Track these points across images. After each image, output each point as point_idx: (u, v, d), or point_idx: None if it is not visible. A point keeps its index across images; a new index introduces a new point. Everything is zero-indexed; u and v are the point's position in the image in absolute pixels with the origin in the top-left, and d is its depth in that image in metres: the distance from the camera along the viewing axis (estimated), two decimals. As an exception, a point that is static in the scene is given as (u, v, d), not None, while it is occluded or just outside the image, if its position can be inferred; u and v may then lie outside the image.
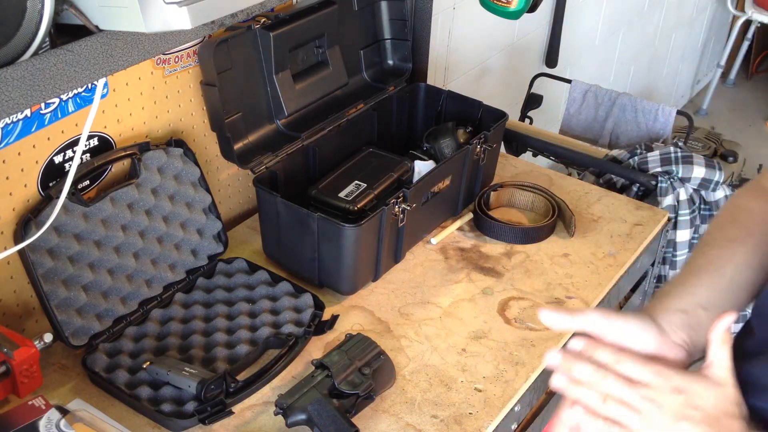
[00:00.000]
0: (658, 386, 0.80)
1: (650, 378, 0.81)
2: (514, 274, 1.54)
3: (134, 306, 1.37)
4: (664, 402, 0.79)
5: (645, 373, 0.81)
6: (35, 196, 1.27)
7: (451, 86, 2.39)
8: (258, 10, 1.04)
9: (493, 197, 1.72)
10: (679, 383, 0.80)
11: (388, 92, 1.76)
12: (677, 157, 2.03)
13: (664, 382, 0.80)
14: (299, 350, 1.33)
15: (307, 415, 1.16)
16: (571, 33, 2.97)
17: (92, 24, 0.90)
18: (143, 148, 1.39)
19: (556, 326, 0.88)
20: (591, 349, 0.83)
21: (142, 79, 1.38)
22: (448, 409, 1.25)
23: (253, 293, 1.44)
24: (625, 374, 0.81)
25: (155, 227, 1.40)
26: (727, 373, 0.81)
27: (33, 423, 1.14)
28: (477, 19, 2.41)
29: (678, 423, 0.78)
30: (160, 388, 1.24)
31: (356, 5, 1.69)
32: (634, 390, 0.80)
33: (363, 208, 1.51)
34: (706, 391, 0.80)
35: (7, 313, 1.30)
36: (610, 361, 0.82)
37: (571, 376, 0.82)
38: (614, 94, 2.59)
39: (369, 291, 1.49)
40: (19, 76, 0.84)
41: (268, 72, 1.52)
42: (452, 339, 1.38)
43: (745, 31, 4.34)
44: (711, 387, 0.80)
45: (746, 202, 1.03)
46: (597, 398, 0.81)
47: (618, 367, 0.82)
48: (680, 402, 0.79)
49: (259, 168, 1.48)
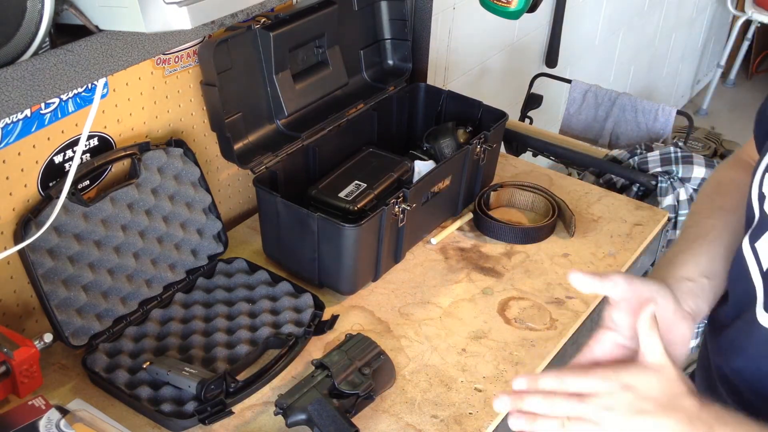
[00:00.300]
0: (606, 390, 0.82)
1: (596, 385, 0.82)
2: (514, 274, 1.54)
3: (134, 306, 1.37)
4: (616, 404, 0.81)
5: (589, 382, 0.83)
6: (35, 196, 1.27)
7: (451, 86, 2.39)
8: (258, 10, 1.03)
9: (493, 197, 1.72)
10: (624, 379, 0.82)
11: (388, 92, 1.76)
12: (677, 157, 2.03)
13: (609, 384, 0.82)
14: (299, 350, 1.33)
15: (307, 415, 1.17)
16: (571, 33, 2.97)
17: (92, 24, 0.90)
18: (143, 148, 1.39)
19: (585, 289, 0.88)
20: (533, 383, 0.84)
21: (142, 79, 1.38)
22: (448, 409, 1.25)
23: (253, 293, 1.44)
24: (573, 391, 0.82)
25: (155, 227, 1.40)
26: (662, 356, 0.83)
27: (33, 423, 1.14)
28: (477, 19, 2.41)
29: (637, 419, 0.80)
30: (160, 388, 1.24)
31: (356, 5, 1.69)
32: (585, 403, 0.81)
33: (363, 208, 1.51)
34: (650, 380, 0.82)
35: (7, 313, 1.30)
36: (554, 386, 0.83)
37: (524, 412, 0.83)
38: (614, 94, 2.59)
39: (369, 291, 1.49)
40: (19, 76, 0.84)
41: (268, 72, 1.52)
42: (452, 339, 1.38)
43: (745, 31, 4.34)
44: (653, 374, 0.82)
45: (729, 173, 1.06)
46: (557, 425, 0.82)
47: (563, 387, 0.83)
48: (631, 399, 0.81)
49: (259, 168, 1.48)
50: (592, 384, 0.82)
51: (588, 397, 0.82)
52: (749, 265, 0.89)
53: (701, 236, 0.99)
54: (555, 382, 0.83)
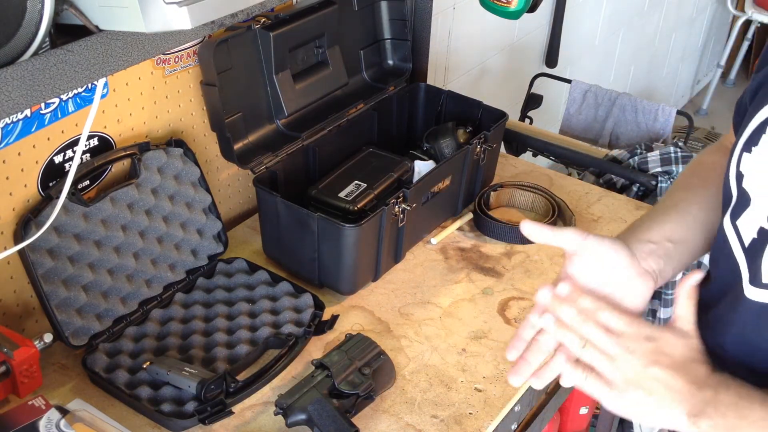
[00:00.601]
0: (631, 335, 0.86)
1: (624, 327, 0.86)
2: (514, 274, 1.54)
3: (134, 306, 1.37)
4: (636, 349, 0.85)
5: (620, 322, 0.86)
6: (35, 196, 1.27)
7: (451, 86, 2.39)
8: (258, 10, 1.03)
9: (493, 197, 1.72)
10: (650, 332, 0.86)
11: (388, 92, 1.76)
12: (677, 157, 2.03)
13: (636, 330, 0.86)
14: (299, 350, 1.33)
15: (307, 415, 1.17)
16: (571, 33, 2.97)
17: (92, 24, 0.90)
18: (143, 148, 1.39)
19: (536, 238, 0.93)
20: (575, 295, 0.88)
21: (142, 79, 1.38)
22: (448, 409, 1.25)
23: (253, 293, 1.44)
24: (603, 322, 0.87)
25: (155, 227, 1.40)
26: (692, 326, 0.88)
27: (33, 423, 1.14)
28: (477, 19, 2.41)
29: (648, 368, 0.84)
30: (160, 388, 1.24)
31: (356, 5, 1.69)
32: (610, 338, 0.86)
33: (363, 208, 1.51)
34: (674, 341, 0.86)
35: (7, 313, 1.30)
36: (590, 308, 0.87)
37: (557, 316, 0.88)
38: (614, 94, 2.59)
39: (369, 291, 1.49)
40: (19, 76, 0.84)
41: (268, 72, 1.52)
42: (452, 339, 1.38)
43: (745, 31, 4.35)
44: (678, 337, 0.87)
45: (708, 157, 1.10)
46: (578, 343, 0.86)
47: (597, 315, 0.87)
48: (651, 349, 0.85)
49: (259, 168, 1.48)
50: (622, 324, 0.86)
51: (614, 334, 0.86)
52: (731, 242, 0.92)
53: (670, 207, 1.03)
54: (593, 305, 0.87)
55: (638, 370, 0.84)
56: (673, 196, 1.07)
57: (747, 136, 0.91)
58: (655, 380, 0.84)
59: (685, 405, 0.83)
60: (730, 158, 0.93)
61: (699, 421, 0.83)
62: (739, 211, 0.91)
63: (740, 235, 0.90)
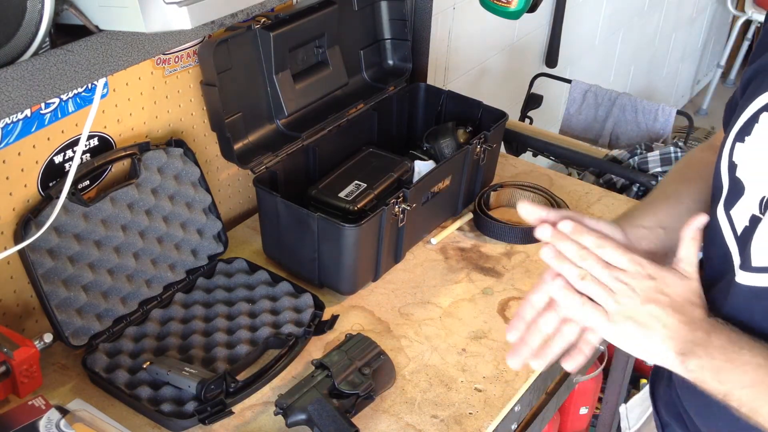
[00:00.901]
0: (632, 271, 0.88)
1: (626, 264, 0.89)
2: (514, 274, 1.54)
3: (134, 306, 1.37)
4: (636, 285, 0.87)
5: (623, 259, 0.89)
6: (35, 196, 1.27)
7: (451, 86, 2.39)
8: (258, 10, 1.03)
9: (493, 197, 1.73)
10: (652, 271, 0.89)
11: (388, 92, 1.76)
12: (677, 157, 2.03)
13: (638, 268, 0.88)
14: (299, 350, 1.33)
15: (307, 415, 1.17)
16: (571, 33, 2.97)
17: (92, 24, 0.90)
18: (143, 148, 1.39)
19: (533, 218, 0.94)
20: (577, 232, 0.90)
21: (142, 79, 1.38)
22: (448, 409, 1.25)
23: (253, 293, 1.44)
24: (605, 258, 0.89)
25: (155, 227, 1.40)
26: (694, 269, 0.90)
27: (33, 423, 1.14)
28: (477, 19, 2.41)
29: (646, 305, 0.87)
30: (160, 388, 1.24)
31: (356, 5, 1.69)
32: (611, 272, 0.88)
33: (363, 208, 1.51)
34: (674, 281, 0.89)
35: (7, 313, 1.30)
36: (593, 245, 0.89)
37: (557, 250, 0.90)
38: (614, 94, 2.59)
39: (369, 291, 1.49)
40: (19, 76, 0.84)
41: (268, 72, 1.52)
42: (452, 339, 1.38)
43: (745, 31, 4.35)
44: (679, 278, 0.89)
45: (699, 154, 1.13)
46: (577, 275, 0.89)
47: (599, 251, 0.89)
48: (651, 287, 0.88)
49: (259, 168, 1.48)
50: (624, 261, 0.88)
51: (615, 270, 0.88)
52: (724, 231, 0.94)
53: (663, 197, 1.06)
54: (594, 244, 0.89)
55: (636, 305, 0.87)
56: (666, 187, 1.10)
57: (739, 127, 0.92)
58: (650, 316, 0.86)
59: (676, 343, 0.86)
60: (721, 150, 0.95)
61: (687, 360, 0.85)
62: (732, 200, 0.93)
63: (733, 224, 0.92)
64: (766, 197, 0.88)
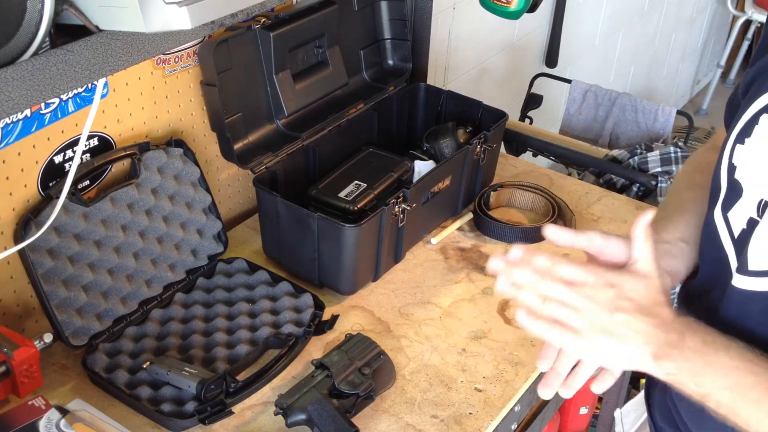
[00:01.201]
0: (591, 283, 0.86)
1: (584, 277, 0.86)
2: (514, 274, 1.54)
3: (134, 306, 1.37)
4: (598, 297, 0.85)
5: (579, 272, 0.87)
6: (35, 196, 1.27)
7: (451, 86, 2.39)
8: (258, 10, 1.03)
9: (493, 197, 1.72)
10: (611, 278, 0.87)
11: (388, 92, 1.76)
12: (677, 157, 2.03)
13: (597, 279, 0.86)
14: (299, 350, 1.33)
15: (307, 415, 1.17)
16: (571, 33, 2.97)
17: (92, 24, 0.90)
18: (143, 148, 1.39)
19: (560, 241, 0.92)
20: (529, 257, 0.88)
21: (142, 79, 1.38)
22: (448, 409, 1.25)
23: (253, 293, 1.44)
24: (562, 277, 0.87)
25: (155, 227, 1.40)
26: (651, 265, 0.88)
27: (33, 423, 1.14)
28: (477, 19, 2.41)
29: (614, 315, 0.85)
30: (160, 388, 1.24)
31: (356, 5, 1.69)
32: (570, 289, 0.86)
33: (363, 208, 1.51)
34: (635, 284, 0.87)
35: (7, 313, 1.30)
36: (547, 265, 0.87)
37: (512, 280, 0.88)
38: (614, 94, 2.59)
39: (369, 291, 1.49)
40: (19, 76, 0.84)
41: (268, 72, 1.52)
42: (452, 339, 1.38)
43: (745, 31, 4.35)
44: (639, 279, 0.87)
45: (705, 156, 1.12)
46: (537, 300, 0.87)
47: (554, 270, 0.87)
48: (613, 295, 0.86)
49: (259, 168, 1.48)
50: (580, 274, 0.86)
51: (574, 285, 0.86)
52: (721, 234, 0.93)
53: (680, 206, 1.05)
54: (548, 263, 0.87)
55: (603, 317, 0.85)
56: (679, 195, 1.08)
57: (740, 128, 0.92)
58: (620, 324, 0.84)
59: (650, 347, 0.84)
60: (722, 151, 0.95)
61: (663, 362, 0.84)
62: (730, 202, 0.92)
63: (730, 227, 0.92)
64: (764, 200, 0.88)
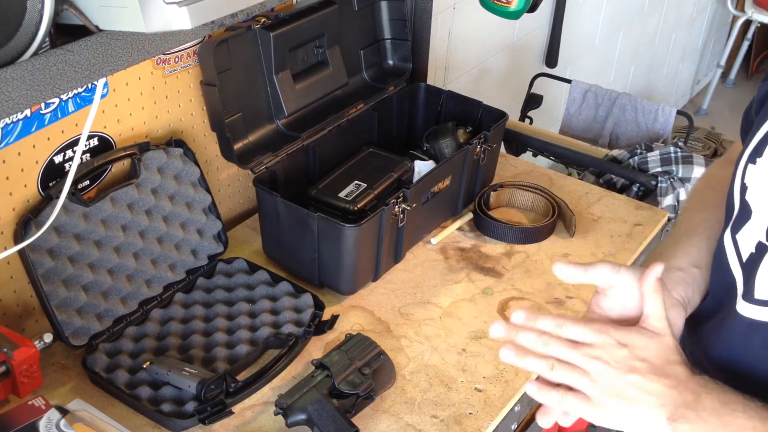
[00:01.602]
0: (601, 343, 0.82)
1: (593, 337, 0.83)
2: (514, 274, 1.54)
3: (134, 306, 1.37)
4: (609, 358, 0.82)
5: (586, 333, 0.83)
6: (35, 196, 1.27)
7: (451, 86, 2.39)
8: (258, 10, 1.04)
9: (493, 197, 1.72)
10: (621, 337, 0.83)
11: (388, 92, 1.76)
12: (677, 157, 2.03)
13: (606, 338, 0.83)
14: (299, 350, 1.33)
15: (307, 415, 1.17)
16: (571, 33, 2.97)
17: (92, 24, 0.90)
18: (143, 148, 1.39)
19: (568, 279, 0.89)
20: (532, 320, 0.85)
21: (142, 79, 1.38)
22: (448, 409, 1.25)
23: (253, 293, 1.44)
24: (568, 337, 0.83)
25: (155, 227, 1.40)
26: (664, 323, 0.85)
27: (33, 423, 1.14)
28: (477, 19, 2.41)
29: (627, 376, 0.81)
30: (160, 388, 1.24)
31: (356, 5, 1.69)
32: (578, 350, 0.82)
33: (363, 208, 1.51)
34: (647, 342, 0.83)
35: (7, 313, 1.30)
36: (551, 327, 0.84)
37: (516, 345, 0.84)
38: (614, 94, 2.59)
39: (369, 291, 1.49)
40: (19, 76, 0.84)
41: (268, 72, 1.52)
42: (452, 339, 1.38)
43: (745, 31, 4.34)
44: (651, 338, 0.84)
45: (720, 171, 1.08)
46: (545, 366, 0.83)
47: (560, 331, 0.83)
48: (625, 355, 0.82)
49: (259, 168, 1.48)
50: (588, 334, 0.83)
51: (582, 346, 0.82)
52: (729, 256, 0.89)
53: (692, 229, 1.01)
54: (553, 325, 0.84)
55: (615, 379, 0.81)
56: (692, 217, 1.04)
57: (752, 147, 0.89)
58: (634, 387, 0.81)
59: (665, 409, 0.81)
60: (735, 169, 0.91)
61: (679, 425, 0.81)
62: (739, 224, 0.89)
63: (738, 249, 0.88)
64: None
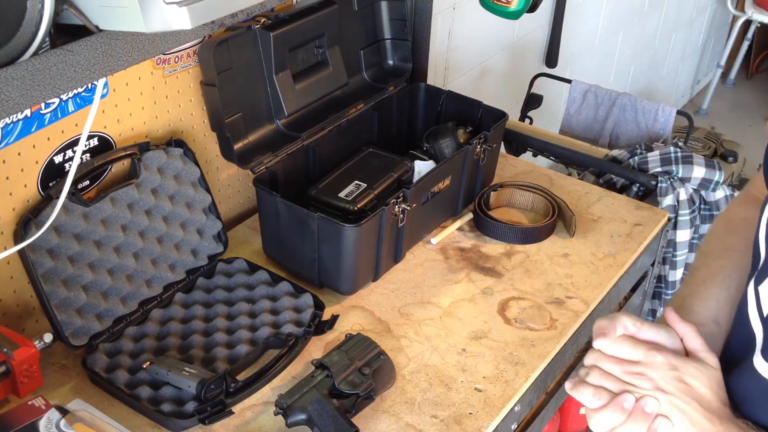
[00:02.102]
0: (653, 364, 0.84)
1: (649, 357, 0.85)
2: (514, 274, 1.54)
3: (134, 306, 1.37)
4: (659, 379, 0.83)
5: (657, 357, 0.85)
6: (35, 196, 1.27)
7: (451, 86, 2.39)
8: (258, 10, 1.04)
9: (493, 197, 1.72)
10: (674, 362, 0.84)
11: (388, 92, 1.76)
12: (677, 157, 2.02)
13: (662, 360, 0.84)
14: (299, 350, 1.33)
15: (307, 415, 1.17)
16: (571, 33, 2.97)
17: (92, 24, 0.90)
18: (143, 148, 1.39)
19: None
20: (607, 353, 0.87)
21: (142, 79, 1.38)
22: (448, 409, 1.25)
23: (253, 293, 1.44)
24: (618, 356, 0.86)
25: (155, 227, 1.40)
26: (711, 356, 0.86)
27: (33, 423, 1.14)
28: (477, 19, 2.41)
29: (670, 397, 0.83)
30: (160, 388, 1.24)
31: (356, 5, 1.69)
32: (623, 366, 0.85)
33: (363, 208, 1.51)
34: (697, 370, 0.84)
35: (7, 313, 1.30)
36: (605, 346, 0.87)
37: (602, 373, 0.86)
38: (614, 94, 2.58)
39: (369, 291, 1.49)
40: (19, 76, 0.84)
41: (268, 72, 1.52)
42: (452, 339, 1.38)
43: (745, 31, 4.34)
44: (703, 367, 0.85)
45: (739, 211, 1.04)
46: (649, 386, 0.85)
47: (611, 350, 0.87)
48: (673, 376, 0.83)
49: (259, 168, 1.48)
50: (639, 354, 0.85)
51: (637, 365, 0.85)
52: (750, 309, 0.87)
53: (709, 278, 0.98)
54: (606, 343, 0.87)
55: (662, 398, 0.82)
56: (710, 264, 1.00)
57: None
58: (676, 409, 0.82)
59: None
60: (761, 215, 0.87)
61: None
62: (763, 275, 0.85)
63: (760, 302, 0.85)
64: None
